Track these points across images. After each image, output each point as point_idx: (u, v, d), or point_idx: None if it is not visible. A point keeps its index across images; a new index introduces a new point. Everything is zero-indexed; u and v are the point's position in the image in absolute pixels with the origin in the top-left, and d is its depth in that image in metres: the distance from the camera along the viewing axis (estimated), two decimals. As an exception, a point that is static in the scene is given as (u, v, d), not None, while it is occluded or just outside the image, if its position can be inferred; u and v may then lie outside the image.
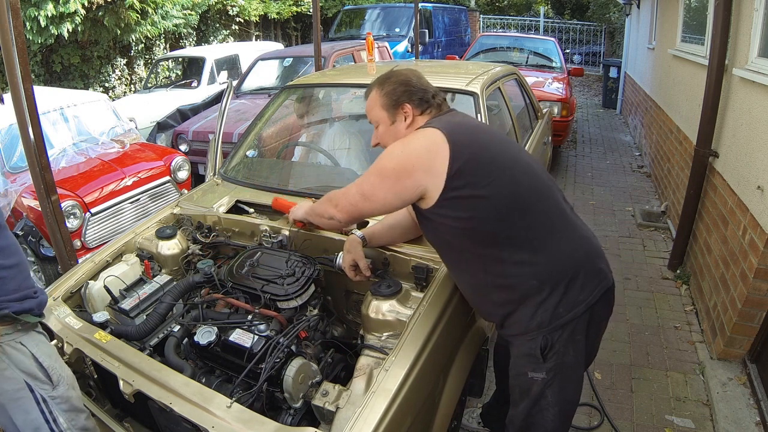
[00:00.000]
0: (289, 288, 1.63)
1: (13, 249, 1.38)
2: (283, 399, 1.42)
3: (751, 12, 2.64)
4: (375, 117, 1.53)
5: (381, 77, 1.54)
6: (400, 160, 1.36)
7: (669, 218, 4.34)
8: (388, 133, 1.52)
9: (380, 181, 1.39)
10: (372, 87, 1.54)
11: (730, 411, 2.26)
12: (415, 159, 1.34)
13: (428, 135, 1.36)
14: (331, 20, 12.41)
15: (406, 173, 1.34)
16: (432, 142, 1.34)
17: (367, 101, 1.55)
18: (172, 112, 5.66)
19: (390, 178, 1.37)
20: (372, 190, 1.41)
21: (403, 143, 1.39)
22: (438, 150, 1.32)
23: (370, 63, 2.79)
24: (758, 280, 2.26)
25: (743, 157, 2.62)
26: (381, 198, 1.40)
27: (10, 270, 1.36)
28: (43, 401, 1.41)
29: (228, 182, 2.50)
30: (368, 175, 1.43)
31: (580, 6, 17.99)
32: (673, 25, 4.95)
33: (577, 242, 1.41)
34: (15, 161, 3.70)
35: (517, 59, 7.44)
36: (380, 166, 1.40)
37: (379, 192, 1.40)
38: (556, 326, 1.37)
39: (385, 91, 1.50)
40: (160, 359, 1.55)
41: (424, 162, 1.33)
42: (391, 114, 1.50)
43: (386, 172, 1.38)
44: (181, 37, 10.70)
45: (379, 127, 1.53)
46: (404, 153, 1.36)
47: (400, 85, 1.49)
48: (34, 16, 6.54)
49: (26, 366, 1.38)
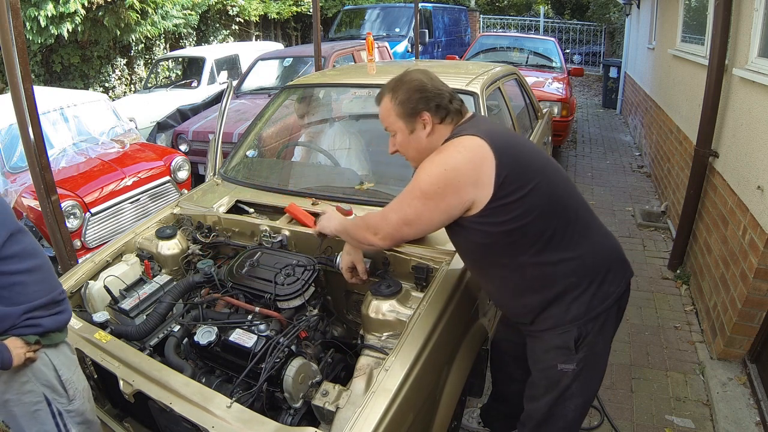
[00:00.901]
0: (289, 288, 1.63)
1: (30, 251, 1.38)
2: (283, 399, 1.42)
3: (751, 12, 2.64)
4: (391, 126, 1.44)
5: (392, 82, 1.44)
6: (445, 179, 1.28)
7: (669, 218, 4.34)
8: (407, 142, 1.43)
9: (424, 203, 1.31)
10: (384, 93, 1.45)
11: (730, 411, 2.26)
12: (461, 175, 1.28)
13: (468, 145, 1.30)
14: (331, 20, 12.41)
15: (452, 191, 1.28)
16: (475, 154, 1.29)
17: (381, 108, 1.46)
18: (172, 112, 5.66)
19: (434, 199, 1.30)
20: (416, 214, 1.33)
21: (443, 160, 1.31)
22: (483, 160, 1.28)
23: (370, 63, 2.79)
24: (758, 280, 2.26)
25: (743, 157, 2.62)
26: (426, 220, 1.34)
27: (29, 274, 1.36)
28: (59, 414, 1.42)
29: (228, 182, 2.50)
30: (409, 198, 1.34)
31: (580, 6, 17.99)
32: (673, 25, 4.95)
33: (606, 236, 1.48)
34: (15, 161, 3.70)
35: (517, 59, 7.44)
36: (422, 189, 1.31)
37: (424, 215, 1.33)
38: (590, 318, 1.39)
39: (399, 100, 1.41)
40: (160, 359, 1.55)
41: (470, 176, 1.28)
42: (409, 123, 1.41)
43: (430, 194, 1.30)
44: (181, 37, 10.70)
45: (396, 136, 1.45)
46: (447, 171, 1.28)
47: (415, 92, 1.40)
48: (34, 16, 6.53)
49: (47, 378, 1.40)
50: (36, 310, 1.35)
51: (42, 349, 1.39)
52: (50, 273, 1.44)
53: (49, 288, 1.40)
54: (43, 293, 1.38)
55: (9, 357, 1.27)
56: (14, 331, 1.32)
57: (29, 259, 1.37)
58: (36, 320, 1.35)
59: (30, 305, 1.34)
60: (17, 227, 1.36)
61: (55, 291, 1.42)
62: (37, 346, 1.37)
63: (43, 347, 1.39)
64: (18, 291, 1.33)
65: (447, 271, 1.67)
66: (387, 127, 1.46)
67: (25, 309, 1.33)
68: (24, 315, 1.33)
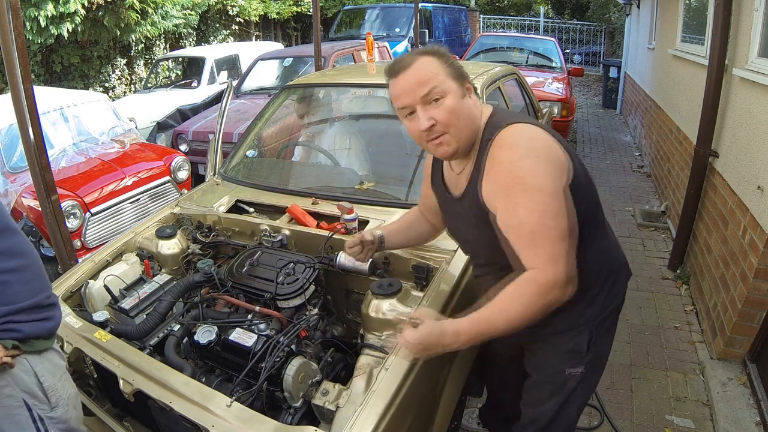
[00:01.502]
0: (289, 287, 1.63)
1: (18, 251, 1.32)
2: (283, 398, 1.42)
3: (751, 12, 2.64)
4: (440, 87, 1.18)
5: (427, 48, 1.25)
6: (547, 163, 1.12)
7: (669, 218, 4.34)
8: (459, 107, 1.19)
9: (551, 195, 1.10)
10: (419, 55, 1.21)
11: (730, 411, 2.26)
12: (555, 157, 1.15)
13: (534, 130, 1.18)
14: (331, 20, 12.41)
15: (561, 172, 1.14)
16: (545, 136, 1.17)
17: (418, 69, 1.19)
18: (172, 112, 5.67)
19: (554, 186, 1.11)
20: (553, 212, 1.10)
21: (525, 149, 1.14)
22: (558, 147, 1.17)
23: (370, 63, 2.80)
24: (758, 280, 2.26)
25: (743, 157, 2.62)
26: (566, 219, 1.12)
27: (13, 274, 1.29)
28: (40, 420, 1.37)
29: (228, 182, 2.50)
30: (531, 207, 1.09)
31: (580, 6, 17.99)
32: (673, 25, 4.95)
33: (613, 234, 1.46)
34: (15, 161, 3.70)
35: (517, 59, 7.44)
36: (537, 185, 1.09)
37: (561, 206, 1.12)
38: (603, 318, 1.37)
39: (449, 61, 1.22)
40: (160, 358, 1.55)
41: (562, 158, 1.16)
42: (460, 86, 1.21)
43: (545, 181, 1.10)
44: (181, 37, 10.70)
45: (444, 101, 1.18)
46: (540, 156, 1.12)
47: (456, 61, 1.25)
48: (34, 16, 6.54)
49: (26, 384, 1.34)
50: (17, 314, 1.29)
51: (23, 355, 1.32)
52: (39, 276, 1.37)
53: (35, 291, 1.33)
54: (27, 296, 1.31)
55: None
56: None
57: (15, 259, 1.30)
58: (15, 324, 1.28)
59: (10, 308, 1.28)
60: (5, 225, 1.31)
61: (41, 294, 1.35)
62: (16, 351, 1.29)
63: (24, 353, 1.32)
64: (0, 291, 1.27)
65: (447, 271, 1.67)
66: (429, 91, 1.17)
67: (5, 311, 1.27)
68: (3, 318, 1.27)
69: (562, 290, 1.09)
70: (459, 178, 1.33)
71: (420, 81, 1.18)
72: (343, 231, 1.92)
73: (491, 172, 1.18)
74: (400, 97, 1.22)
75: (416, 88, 1.18)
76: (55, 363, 1.42)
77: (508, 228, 1.14)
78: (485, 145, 1.21)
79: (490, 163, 1.18)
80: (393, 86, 1.23)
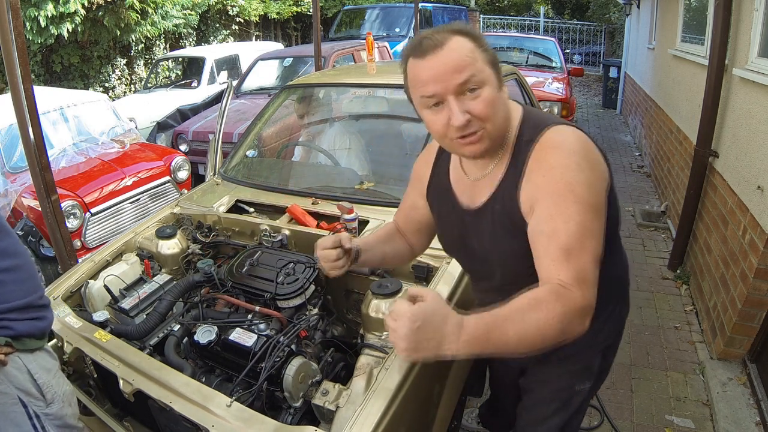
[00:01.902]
0: (289, 287, 1.63)
1: (10, 251, 1.34)
2: (283, 398, 1.42)
3: (751, 12, 2.64)
4: (480, 75, 0.99)
5: (459, 27, 1.04)
6: (599, 176, 1.01)
7: (669, 218, 4.34)
8: (498, 100, 1.02)
9: (596, 213, 0.97)
10: (452, 34, 1.00)
11: (730, 411, 2.26)
12: (603, 169, 1.04)
13: (582, 136, 1.05)
14: (331, 20, 12.41)
15: (605, 185, 1.03)
16: (593, 145, 1.05)
17: (455, 52, 0.98)
18: (172, 112, 5.67)
19: (600, 205, 0.99)
20: (594, 232, 0.97)
21: (581, 156, 1.00)
22: (600, 153, 1.06)
23: (370, 63, 2.80)
24: (758, 280, 2.26)
25: (743, 157, 2.62)
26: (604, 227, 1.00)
27: (7, 273, 1.32)
28: (35, 416, 1.39)
29: (228, 182, 2.50)
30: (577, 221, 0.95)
31: (580, 6, 18.00)
32: (673, 25, 4.95)
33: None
34: (15, 161, 3.70)
35: (517, 59, 7.44)
36: (588, 199, 0.96)
37: (602, 228, 0.99)
38: (618, 332, 1.32)
39: (485, 45, 1.03)
40: (160, 358, 1.55)
41: (606, 170, 1.05)
42: (497, 75, 1.04)
43: (594, 199, 0.98)
44: (181, 37, 10.70)
45: (482, 90, 1.00)
46: (595, 169, 1.01)
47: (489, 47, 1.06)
48: (34, 16, 6.54)
49: (20, 382, 1.36)
50: (10, 312, 1.31)
51: (15, 353, 1.34)
52: (31, 276, 1.40)
53: (29, 290, 1.36)
54: (21, 295, 1.33)
55: None
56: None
57: (9, 259, 1.32)
58: (8, 322, 1.31)
59: (3, 306, 1.30)
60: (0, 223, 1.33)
61: (34, 294, 1.37)
62: (9, 349, 1.32)
63: (16, 351, 1.34)
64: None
65: (447, 271, 1.67)
66: (467, 79, 0.98)
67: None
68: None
69: (584, 320, 0.92)
70: (478, 185, 1.14)
71: (457, 66, 0.97)
72: (343, 231, 1.92)
73: (536, 174, 1.02)
74: (427, 84, 0.99)
75: (451, 75, 0.97)
76: (48, 361, 1.44)
77: (540, 233, 0.98)
78: (526, 147, 1.05)
79: (536, 164, 1.02)
80: (418, 69, 1.00)
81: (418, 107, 1.07)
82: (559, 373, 1.30)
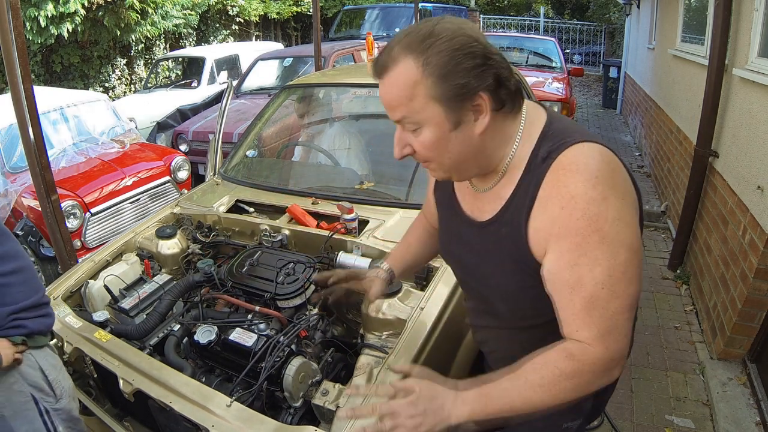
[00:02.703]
0: (289, 287, 1.63)
1: (13, 254, 1.40)
2: (283, 398, 1.42)
3: (751, 12, 2.64)
4: (414, 117, 0.85)
5: (415, 35, 0.83)
6: (631, 207, 0.86)
7: (669, 218, 4.34)
8: (444, 143, 0.86)
9: (629, 251, 0.83)
10: (398, 54, 0.83)
11: (730, 411, 2.26)
12: (634, 197, 0.88)
13: (611, 156, 0.87)
14: (331, 20, 12.41)
15: (637, 215, 0.87)
16: (622, 166, 0.88)
17: (392, 83, 0.84)
18: (172, 112, 5.67)
19: (632, 240, 0.84)
20: (630, 276, 0.83)
21: (609, 185, 0.83)
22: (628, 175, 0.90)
23: (370, 63, 2.80)
24: (758, 280, 2.26)
25: (743, 157, 2.62)
26: (638, 286, 0.86)
27: (13, 276, 1.39)
28: (46, 412, 1.46)
29: (228, 182, 2.50)
30: (606, 266, 0.82)
31: (580, 6, 18.00)
32: (673, 25, 4.95)
33: None
34: (15, 161, 3.70)
35: (517, 59, 7.44)
36: (621, 239, 0.82)
37: (640, 265, 0.86)
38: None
39: (435, 65, 0.81)
40: (160, 358, 1.55)
41: (634, 194, 0.89)
42: (452, 110, 0.83)
43: (624, 235, 0.83)
44: (181, 37, 10.71)
45: (420, 132, 0.86)
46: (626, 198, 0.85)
47: (463, 55, 0.81)
48: (34, 16, 6.55)
49: (33, 379, 1.43)
50: (22, 312, 1.39)
51: (28, 351, 1.42)
52: (33, 275, 1.47)
53: (33, 290, 1.44)
54: (28, 295, 1.41)
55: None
56: (1, 333, 1.36)
57: (12, 261, 1.39)
58: (22, 321, 1.39)
59: (15, 307, 1.37)
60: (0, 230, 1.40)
61: (39, 293, 1.45)
62: (24, 347, 1.40)
63: (29, 348, 1.42)
64: (3, 293, 1.36)
65: (447, 271, 1.67)
66: (403, 116, 0.86)
67: (11, 310, 1.36)
68: (10, 316, 1.36)
69: (609, 373, 0.84)
70: (483, 198, 1.00)
71: (389, 102, 0.86)
72: (343, 231, 1.92)
73: (552, 203, 0.85)
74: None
75: (388, 108, 0.87)
76: (54, 357, 1.51)
77: (562, 283, 0.85)
78: (539, 166, 0.88)
79: (554, 190, 0.85)
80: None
81: None
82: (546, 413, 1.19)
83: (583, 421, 1.17)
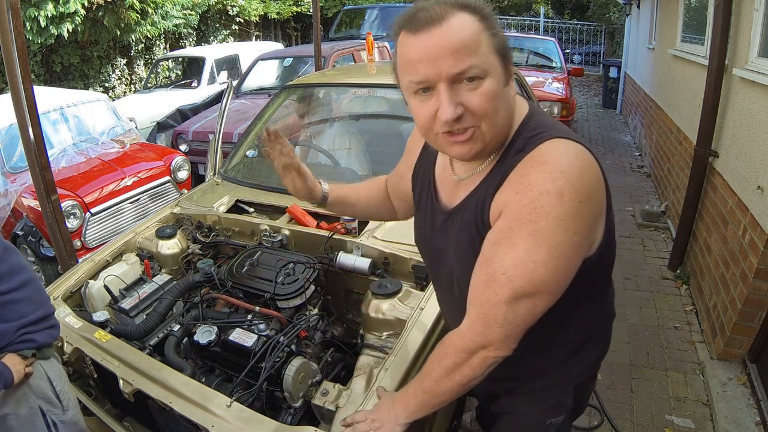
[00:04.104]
0: (289, 287, 1.63)
1: (17, 268, 1.40)
2: (282, 398, 1.42)
3: (751, 12, 2.64)
4: (482, 63, 0.81)
5: (462, 1, 0.83)
6: (580, 218, 0.81)
7: (669, 218, 4.34)
8: (501, 96, 0.85)
9: (552, 256, 0.80)
10: (455, 8, 0.81)
11: (730, 411, 2.26)
12: (599, 201, 0.86)
13: (587, 156, 0.86)
14: (331, 20, 12.41)
15: (587, 226, 0.84)
16: (597, 168, 0.87)
17: (456, 31, 0.80)
18: (172, 112, 5.67)
19: (565, 249, 0.81)
20: (534, 267, 0.81)
21: (573, 185, 0.80)
22: (602, 182, 0.88)
23: (370, 63, 2.80)
24: (758, 280, 2.26)
25: (743, 157, 2.62)
26: (559, 284, 0.84)
27: (19, 291, 1.38)
28: (53, 425, 1.45)
29: (228, 182, 2.50)
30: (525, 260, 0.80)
31: (580, 6, 17.99)
32: (673, 25, 4.95)
33: None
34: (15, 161, 3.70)
35: (516, 59, 7.43)
36: (558, 243, 0.80)
37: (557, 273, 0.82)
38: (593, 369, 1.19)
39: (495, 28, 0.83)
40: (160, 358, 1.55)
41: (601, 207, 0.87)
42: (505, 66, 0.85)
43: (559, 238, 0.80)
44: (181, 37, 10.71)
45: (484, 82, 0.82)
46: (573, 200, 0.80)
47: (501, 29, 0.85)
48: (34, 16, 6.54)
49: (43, 391, 1.43)
50: (30, 326, 1.39)
51: (37, 362, 1.42)
52: (39, 287, 1.46)
53: (39, 303, 1.43)
54: (34, 308, 1.41)
55: (10, 376, 1.31)
56: (10, 348, 1.36)
57: (17, 276, 1.39)
58: (31, 335, 1.39)
59: (23, 321, 1.37)
60: (4, 246, 1.39)
61: (45, 306, 1.45)
62: (33, 359, 1.40)
63: (37, 360, 1.42)
64: (10, 309, 1.36)
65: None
66: (467, 67, 0.80)
67: (19, 325, 1.36)
68: (19, 331, 1.36)
69: (476, 355, 0.88)
70: (460, 186, 1.00)
71: (456, 50, 0.79)
72: (343, 231, 1.92)
73: (511, 187, 0.85)
74: (417, 65, 0.81)
75: (447, 59, 0.79)
76: (60, 369, 1.51)
77: (481, 255, 0.88)
78: (512, 157, 0.88)
79: (516, 177, 0.85)
80: (409, 46, 0.82)
81: (405, 91, 0.89)
82: (528, 407, 1.18)
83: (567, 416, 1.18)
